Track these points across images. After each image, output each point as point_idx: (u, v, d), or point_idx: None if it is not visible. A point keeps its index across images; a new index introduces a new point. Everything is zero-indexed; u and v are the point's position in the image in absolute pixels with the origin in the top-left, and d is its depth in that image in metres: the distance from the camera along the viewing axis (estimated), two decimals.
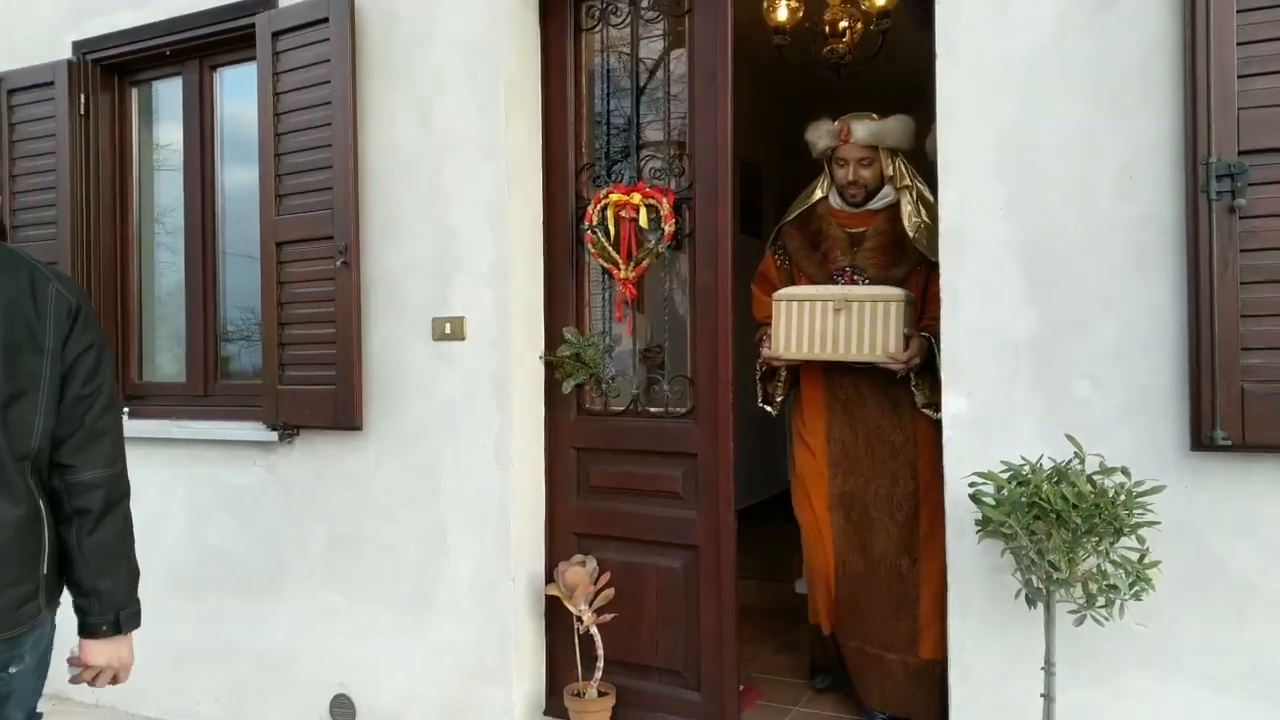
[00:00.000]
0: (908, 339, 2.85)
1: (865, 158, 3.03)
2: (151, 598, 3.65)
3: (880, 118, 3.06)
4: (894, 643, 2.94)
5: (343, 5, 3.14)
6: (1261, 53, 2.05)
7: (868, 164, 3.03)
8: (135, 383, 3.95)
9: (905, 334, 2.84)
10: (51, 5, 3.93)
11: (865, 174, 3.04)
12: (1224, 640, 2.15)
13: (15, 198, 3.95)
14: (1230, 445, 2.08)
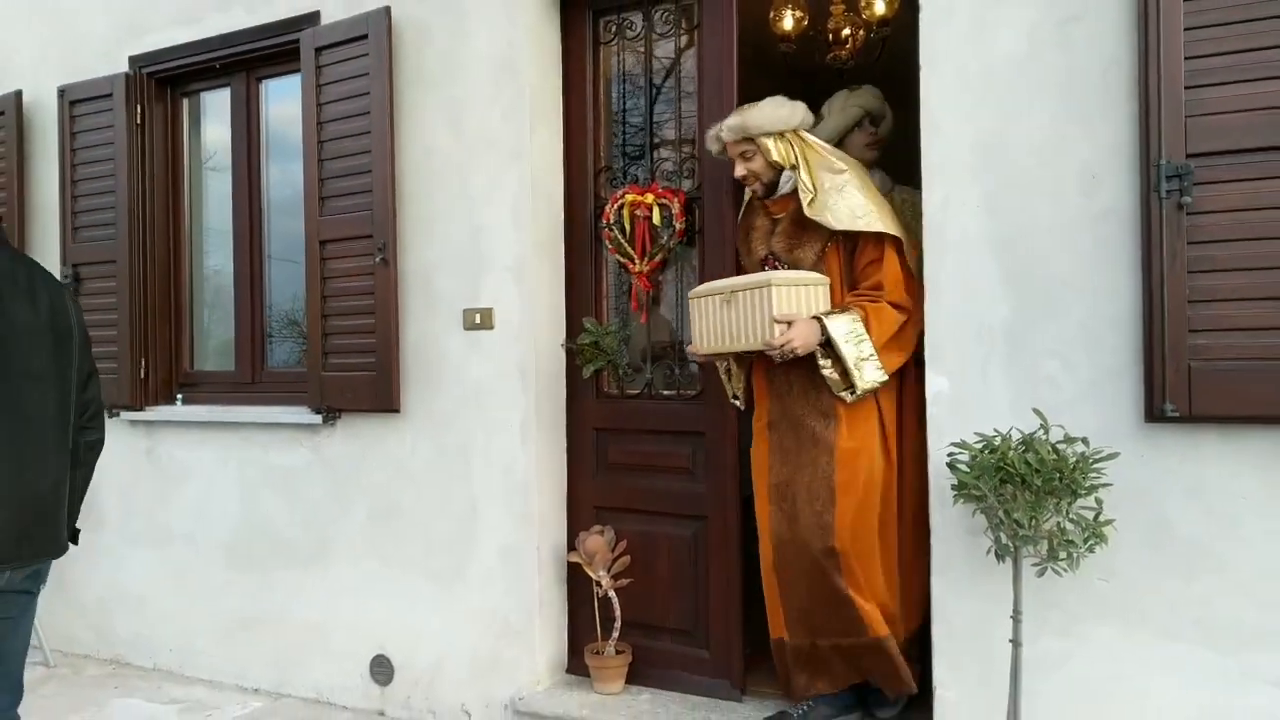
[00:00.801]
0: (820, 320, 2.73)
1: (744, 150, 2.92)
2: (204, 569, 4.03)
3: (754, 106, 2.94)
4: (838, 630, 2.83)
5: (381, 23, 3.43)
6: (1206, 66, 2.29)
7: (749, 156, 2.92)
8: (187, 371, 4.26)
9: (781, 318, 2.70)
10: (109, 23, 4.24)
11: (750, 166, 2.93)
12: (1175, 593, 2.40)
13: (77, 200, 4.28)
14: (1179, 417, 2.33)
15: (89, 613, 4.37)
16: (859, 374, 2.72)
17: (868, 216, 2.77)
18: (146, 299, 4.15)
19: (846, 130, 3.33)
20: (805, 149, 2.89)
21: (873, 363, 2.73)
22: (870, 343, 2.72)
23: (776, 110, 2.87)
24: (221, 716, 3.66)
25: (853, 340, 2.71)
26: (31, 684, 4.04)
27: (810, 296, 2.77)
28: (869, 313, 2.74)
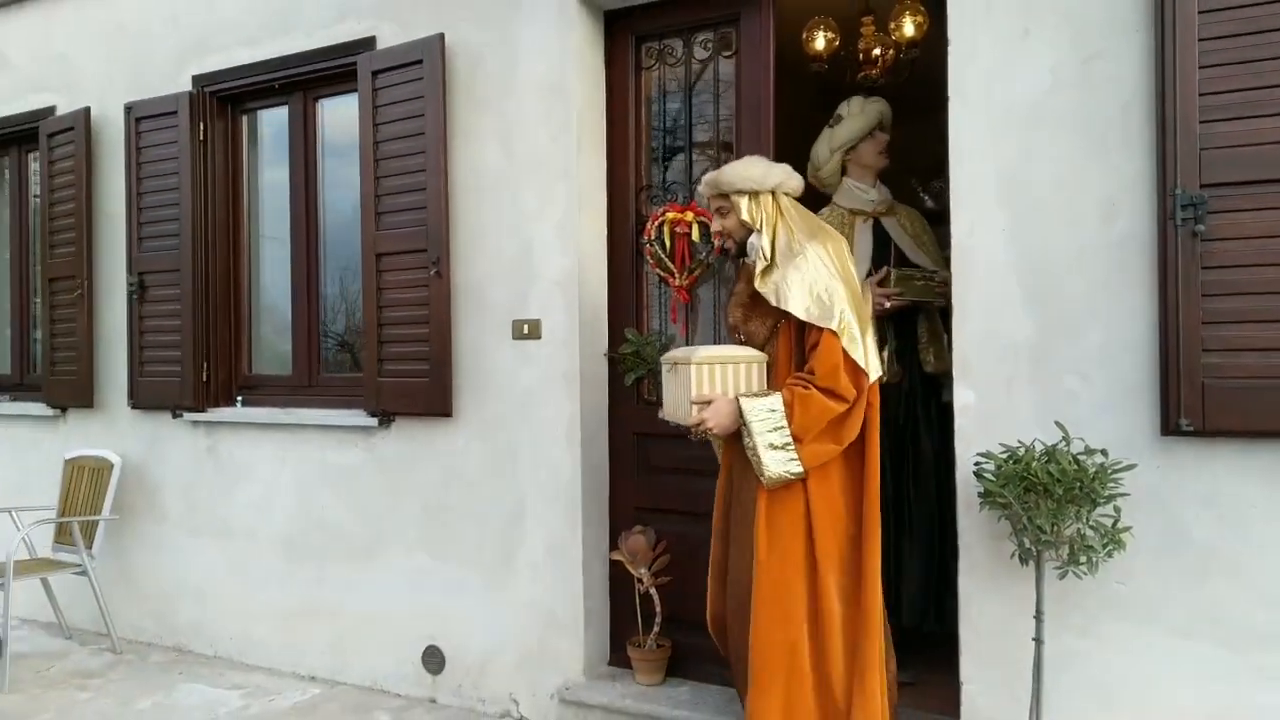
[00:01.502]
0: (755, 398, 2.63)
1: (720, 206, 2.82)
2: (263, 562, 4.27)
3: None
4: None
5: (435, 48, 3.63)
6: (1220, 102, 2.44)
7: (724, 213, 2.81)
8: (246, 374, 4.49)
9: (698, 399, 2.65)
10: (174, 44, 4.47)
11: (724, 222, 2.82)
12: (1189, 596, 2.56)
13: (142, 212, 4.52)
14: (1193, 431, 2.49)
15: (152, 602, 4.61)
16: (760, 461, 2.56)
17: (817, 305, 2.57)
18: (208, 306, 4.38)
19: (862, 135, 3.53)
20: (780, 213, 2.74)
21: (786, 453, 2.56)
22: (788, 430, 2.55)
23: (749, 169, 2.75)
24: (282, 701, 3.88)
25: (767, 426, 2.55)
26: (101, 669, 4.31)
27: (739, 374, 2.67)
28: (795, 398, 2.55)
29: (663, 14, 3.53)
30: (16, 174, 5.35)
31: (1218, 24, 2.42)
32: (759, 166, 2.76)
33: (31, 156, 5.24)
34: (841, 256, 2.69)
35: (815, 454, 2.58)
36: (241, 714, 3.77)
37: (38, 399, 5.04)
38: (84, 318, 4.72)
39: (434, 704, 3.80)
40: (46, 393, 4.95)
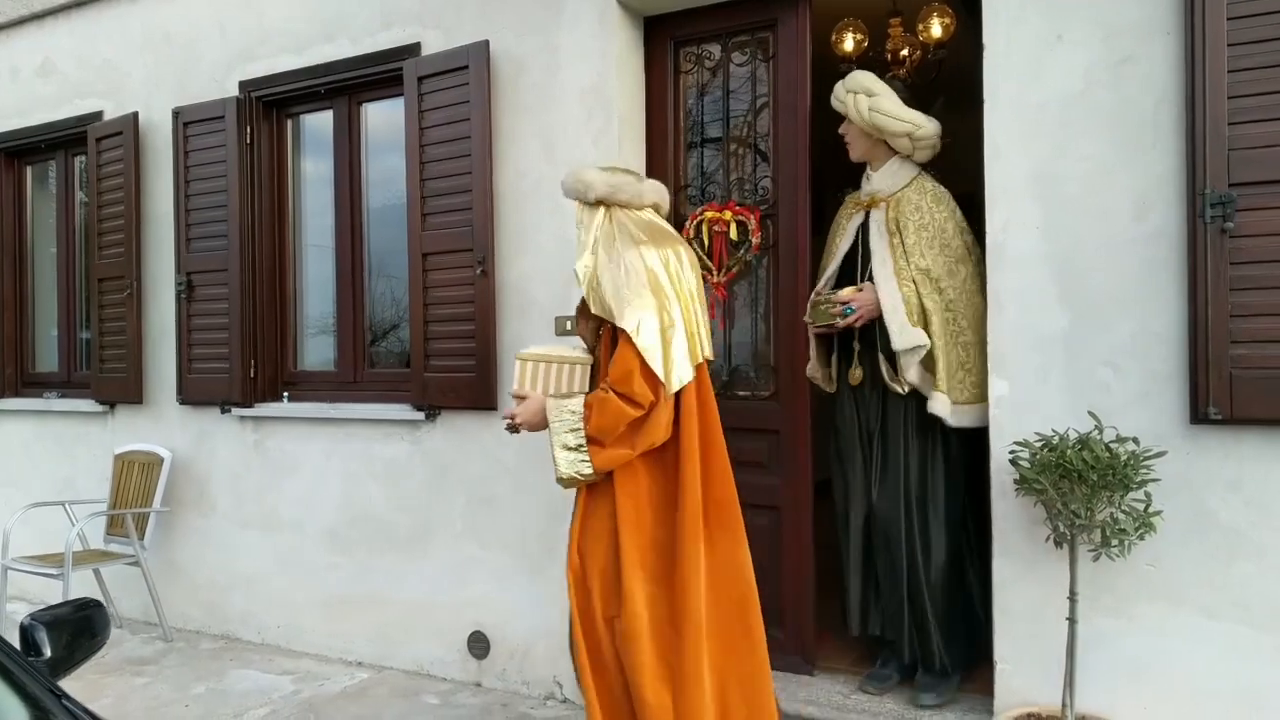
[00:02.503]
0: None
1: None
2: (311, 553, 4.40)
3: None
4: None
5: (480, 55, 3.75)
6: (1248, 105, 2.55)
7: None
8: (292, 370, 4.64)
9: (516, 394, 2.71)
10: (221, 51, 4.61)
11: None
12: (1217, 577, 2.67)
13: (190, 214, 4.66)
14: (1222, 419, 2.60)
15: (201, 592, 4.76)
16: (555, 461, 2.57)
17: (615, 307, 2.52)
18: (255, 304, 4.52)
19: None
20: (610, 221, 2.67)
21: (578, 454, 2.55)
22: (583, 432, 2.53)
23: (575, 181, 2.68)
24: (332, 686, 4.02)
25: (565, 427, 2.56)
26: (153, 657, 4.46)
27: (561, 374, 2.68)
28: (595, 401, 2.54)
29: (701, 19, 3.65)
30: (64, 177, 5.51)
31: (1247, 29, 2.53)
32: (586, 177, 2.68)
33: (78, 160, 5.39)
34: (675, 265, 2.61)
35: (609, 458, 2.52)
36: (294, 698, 3.91)
37: (86, 395, 5.20)
38: (133, 317, 4.87)
39: (479, 688, 3.93)
40: (95, 389, 5.10)
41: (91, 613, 2.01)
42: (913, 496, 3.26)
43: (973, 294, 3.19)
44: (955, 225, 3.27)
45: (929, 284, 3.16)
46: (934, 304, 3.14)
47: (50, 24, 5.26)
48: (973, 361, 3.16)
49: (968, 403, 3.15)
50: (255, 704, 3.85)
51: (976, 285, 3.19)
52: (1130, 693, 2.77)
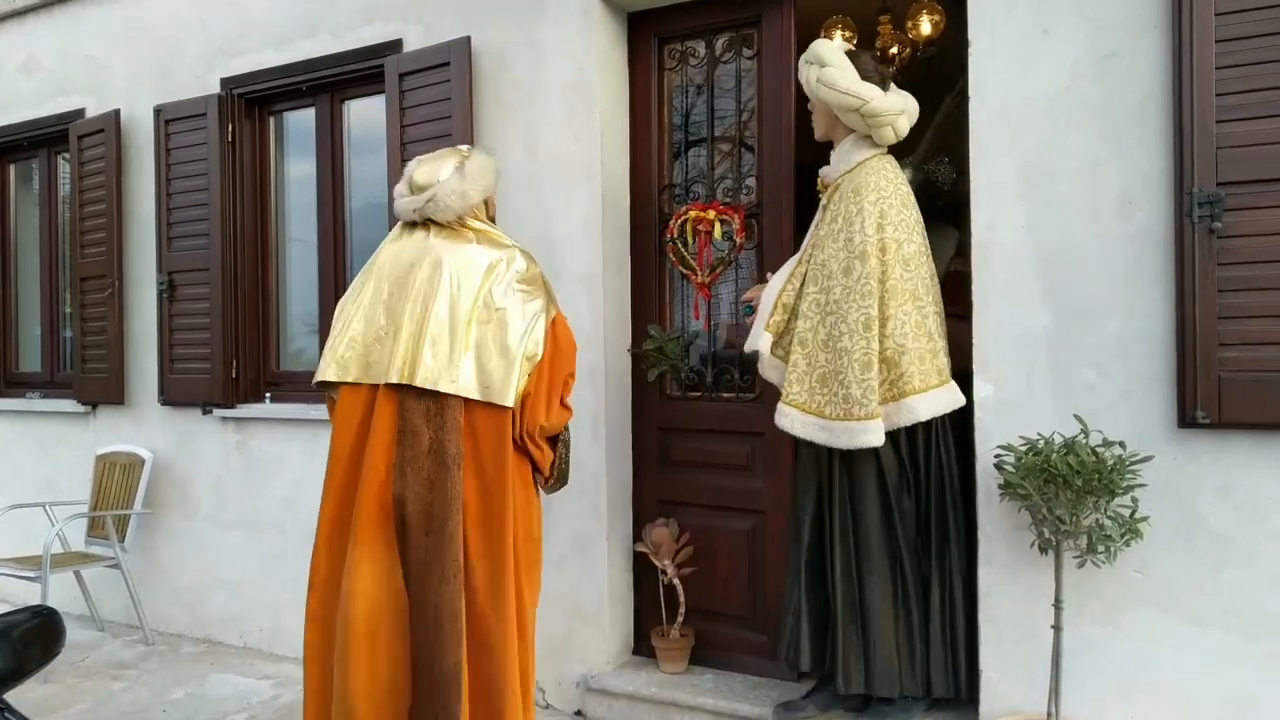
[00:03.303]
0: None
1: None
2: (293, 555, 4.33)
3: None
4: None
5: (462, 51, 3.70)
6: (1236, 103, 2.49)
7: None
8: (274, 371, 4.58)
9: None
10: (202, 47, 4.56)
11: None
12: (1206, 584, 2.62)
13: (172, 212, 4.61)
14: (1209, 423, 2.54)
15: (183, 594, 4.71)
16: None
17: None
18: (237, 304, 4.47)
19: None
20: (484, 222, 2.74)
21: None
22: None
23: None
24: None
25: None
26: (134, 660, 4.41)
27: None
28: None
29: (685, 15, 3.60)
30: (46, 175, 5.46)
31: (1235, 25, 2.47)
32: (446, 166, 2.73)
33: (61, 158, 5.34)
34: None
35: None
36: (273, 703, 3.86)
37: (68, 396, 5.15)
38: (114, 316, 4.82)
39: None
40: (77, 390, 5.05)
41: (45, 620, 1.94)
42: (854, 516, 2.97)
43: (863, 296, 2.80)
44: (869, 219, 2.84)
45: (819, 280, 2.89)
46: (811, 304, 2.90)
47: (33, 20, 5.21)
48: (851, 373, 2.79)
49: (839, 419, 2.81)
50: (234, 709, 3.80)
51: (871, 288, 2.80)
52: (1117, 701, 2.72)
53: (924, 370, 2.84)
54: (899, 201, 2.90)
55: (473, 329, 2.55)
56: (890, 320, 2.82)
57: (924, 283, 2.90)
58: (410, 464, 2.57)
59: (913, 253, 2.88)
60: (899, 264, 2.84)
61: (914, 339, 2.83)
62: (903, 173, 3.05)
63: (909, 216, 2.92)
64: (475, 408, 2.54)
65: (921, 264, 2.91)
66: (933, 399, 2.86)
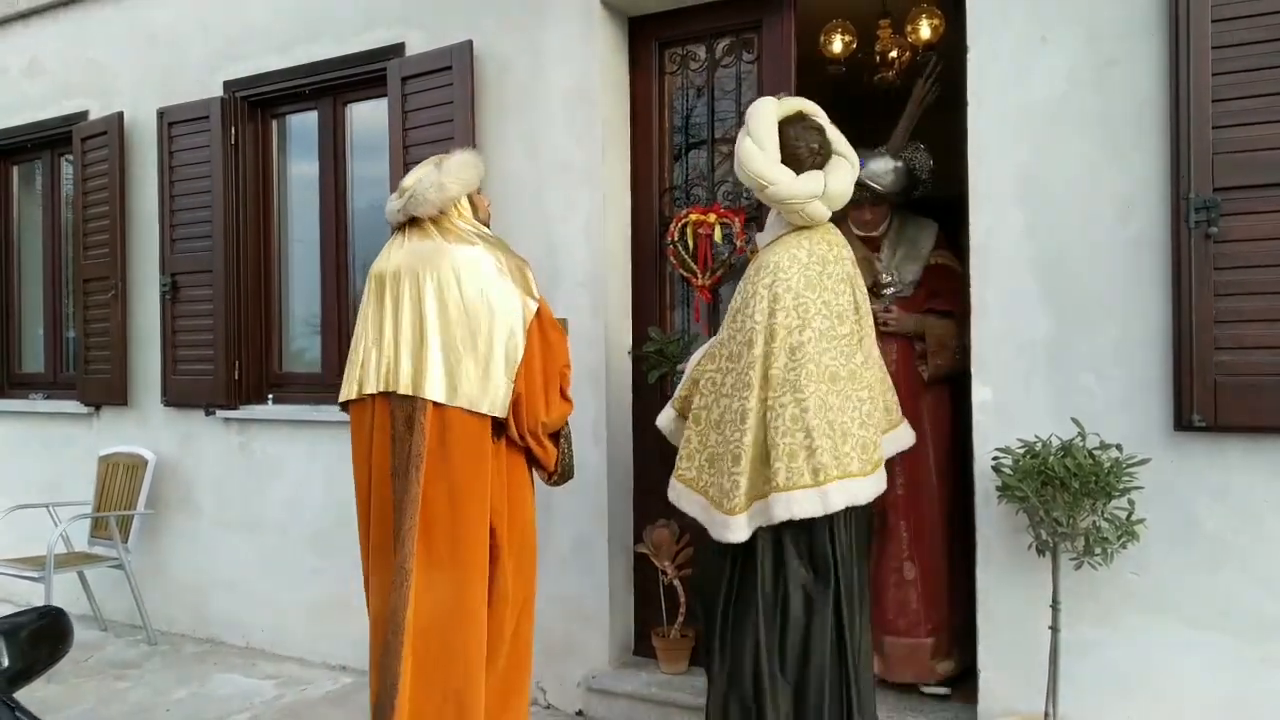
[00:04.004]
0: None
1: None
2: (295, 556, 4.36)
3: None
4: None
5: (464, 55, 3.72)
6: (1233, 108, 2.52)
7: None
8: (277, 372, 4.61)
9: None
10: (205, 50, 4.58)
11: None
12: (1201, 586, 2.64)
13: (175, 214, 4.63)
14: (1206, 427, 2.57)
15: (186, 595, 4.73)
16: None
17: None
18: (239, 305, 4.50)
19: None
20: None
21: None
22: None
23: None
24: (315, 691, 3.99)
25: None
26: (137, 660, 4.43)
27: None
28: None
29: (686, 20, 3.62)
30: (49, 177, 5.48)
31: (1231, 32, 2.50)
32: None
33: (65, 159, 5.36)
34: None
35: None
36: (275, 703, 3.88)
37: (71, 397, 5.17)
38: (118, 317, 4.84)
39: None
40: (80, 391, 5.08)
41: (52, 620, 1.96)
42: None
43: (744, 386, 2.64)
44: (761, 303, 2.66)
45: (717, 359, 2.79)
46: (708, 382, 2.79)
47: (37, 24, 5.24)
48: (724, 462, 2.67)
49: (715, 506, 2.69)
50: (237, 709, 3.82)
51: (751, 379, 2.63)
52: (1114, 701, 2.74)
53: (792, 468, 2.56)
54: (802, 284, 2.66)
55: (441, 333, 2.62)
56: (769, 411, 2.61)
57: (812, 374, 2.61)
58: (399, 469, 2.66)
59: (803, 341, 2.62)
60: (784, 353, 2.62)
61: (786, 434, 2.58)
62: (824, 250, 2.75)
63: (810, 300, 2.66)
64: (449, 411, 2.59)
65: (820, 352, 2.63)
66: (793, 499, 2.56)
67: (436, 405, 2.58)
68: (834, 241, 2.80)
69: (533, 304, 2.67)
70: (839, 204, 2.76)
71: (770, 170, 2.68)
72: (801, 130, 2.75)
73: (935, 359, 3.34)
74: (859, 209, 3.36)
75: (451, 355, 2.60)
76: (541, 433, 2.71)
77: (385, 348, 2.67)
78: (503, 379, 2.60)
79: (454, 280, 2.62)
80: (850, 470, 2.61)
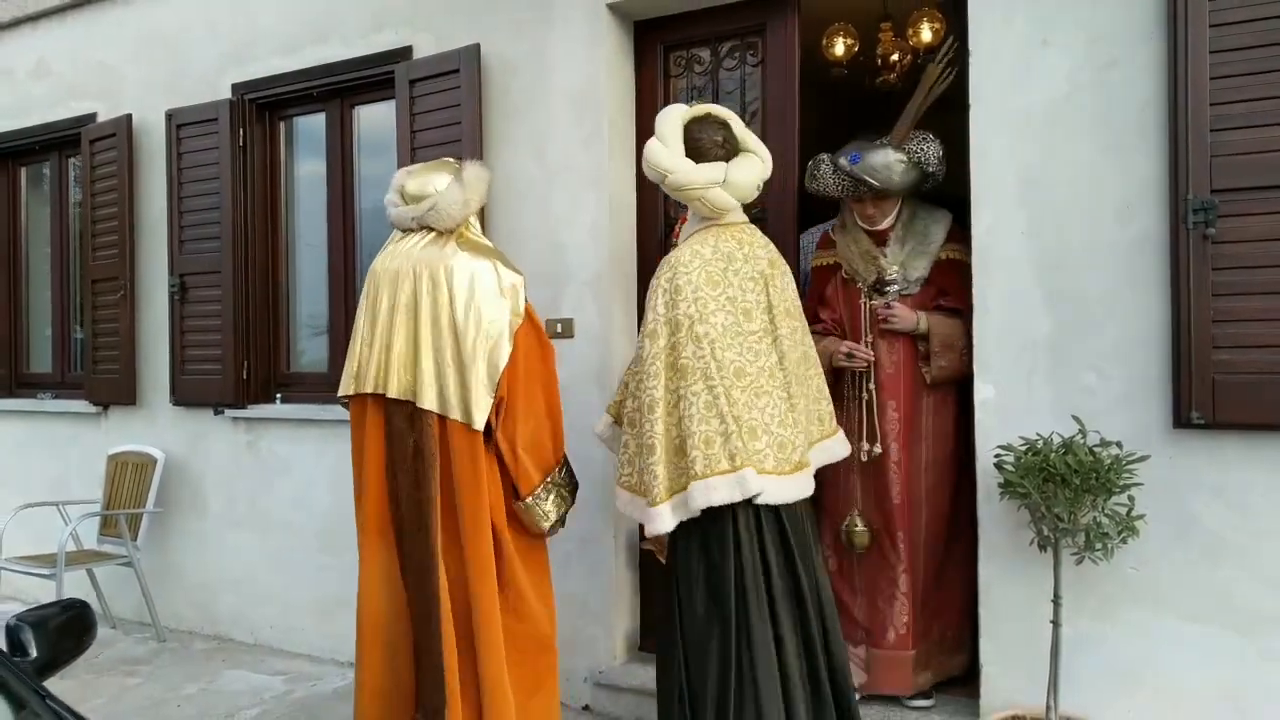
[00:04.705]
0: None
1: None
2: (303, 553, 4.40)
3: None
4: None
5: (471, 59, 3.77)
6: (1230, 112, 2.57)
7: None
8: (285, 372, 4.65)
9: None
10: (214, 53, 4.62)
11: None
12: (1200, 581, 2.69)
13: (183, 215, 4.68)
14: (1204, 424, 2.61)
15: (195, 592, 4.78)
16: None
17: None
18: (248, 306, 4.54)
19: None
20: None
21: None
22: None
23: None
24: (324, 686, 4.03)
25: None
26: (147, 657, 4.48)
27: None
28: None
29: (691, 24, 3.66)
30: (57, 178, 5.52)
31: (1230, 36, 2.55)
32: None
33: (73, 161, 5.40)
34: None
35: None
36: (286, 698, 3.93)
37: (79, 396, 5.21)
38: (126, 318, 4.88)
39: None
40: (89, 390, 5.12)
41: (78, 613, 2.01)
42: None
43: (650, 377, 2.67)
44: (662, 297, 2.72)
45: (636, 360, 2.83)
46: (627, 384, 2.88)
47: (45, 26, 5.28)
48: (641, 456, 2.70)
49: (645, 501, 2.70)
50: (247, 704, 3.87)
51: (657, 369, 2.67)
52: (1114, 695, 2.79)
53: (709, 455, 2.56)
54: (702, 279, 2.69)
55: (434, 345, 2.71)
56: (681, 400, 2.63)
57: (722, 364, 2.63)
58: (400, 465, 2.76)
59: (707, 332, 2.64)
60: (691, 342, 2.63)
61: (701, 421, 2.59)
62: (731, 247, 2.79)
63: (709, 295, 2.69)
64: (446, 418, 2.70)
65: (724, 347, 2.65)
66: (710, 485, 2.56)
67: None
68: (746, 240, 2.84)
69: (516, 321, 2.74)
70: (745, 194, 2.83)
71: (669, 160, 2.78)
72: (705, 126, 2.85)
73: (939, 360, 3.16)
74: (860, 203, 3.31)
75: (442, 368, 2.70)
76: (521, 448, 2.75)
77: (379, 351, 2.78)
78: (484, 394, 2.68)
79: (447, 294, 2.71)
80: (765, 468, 2.61)
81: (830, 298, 3.43)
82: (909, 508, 3.24)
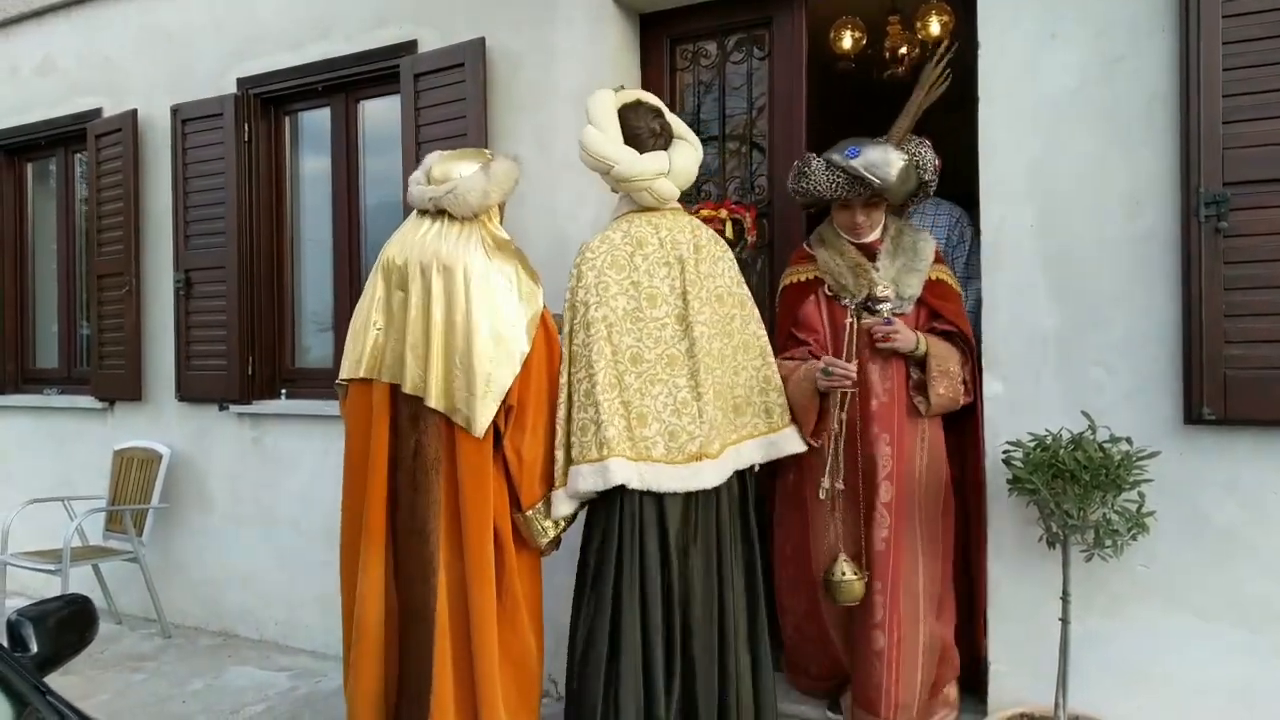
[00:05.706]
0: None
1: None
2: (309, 550, 4.39)
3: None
4: None
5: (476, 52, 3.75)
6: (1243, 104, 2.54)
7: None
8: (290, 368, 4.64)
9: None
10: (218, 48, 4.61)
11: None
12: (1210, 578, 2.66)
13: (188, 211, 4.67)
14: (1215, 420, 2.59)
15: (200, 588, 4.77)
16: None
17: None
18: (253, 302, 4.53)
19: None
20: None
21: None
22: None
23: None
24: (329, 683, 4.02)
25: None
26: (152, 653, 4.47)
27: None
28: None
29: (697, 17, 3.64)
30: (63, 174, 5.52)
31: (1241, 28, 2.52)
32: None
33: (78, 157, 5.40)
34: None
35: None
36: (290, 694, 3.92)
37: (85, 392, 5.22)
38: (132, 313, 4.88)
39: None
40: (94, 386, 5.12)
41: (80, 608, 2.00)
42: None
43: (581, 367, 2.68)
44: (571, 280, 2.78)
45: None
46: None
47: (50, 21, 5.27)
48: (558, 440, 2.71)
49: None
50: (252, 700, 3.86)
51: (564, 354, 2.73)
52: (1124, 692, 2.76)
53: (584, 443, 2.62)
54: (606, 263, 2.72)
55: (445, 345, 2.65)
56: (571, 387, 2.69)
57: (604, 351, 2.65)
58: (401, 464, 2.71)
59: (605, 316, 2.67)
60: (582, 329, 2.68)
61: (580, 409, 2.65)
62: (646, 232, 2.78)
63: (612, 278, 2.71)
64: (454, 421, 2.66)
65: (622, 332, 2.67)
66: (579, 473, 2.63)
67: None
68: (663, 225, 2.81)
69: (533, 330, 2.68)
70: (685, 181, 2.84)
71: (614, 150, 2.77)
72: (641, 113, 2.84)
73: (938, 385, 2.84)
74: (848, 210, 2.93)
75: (450, 371, 2.64)
76: (527, 458, 2.69)
77: (394, 342, 2.72)
78: (490, 403, 2.62)
79: (464, 294, 2.64)
80: (652, 455, 2.63)
81: (808, 316, 3.00)
82: (898, 556, 2.87)
